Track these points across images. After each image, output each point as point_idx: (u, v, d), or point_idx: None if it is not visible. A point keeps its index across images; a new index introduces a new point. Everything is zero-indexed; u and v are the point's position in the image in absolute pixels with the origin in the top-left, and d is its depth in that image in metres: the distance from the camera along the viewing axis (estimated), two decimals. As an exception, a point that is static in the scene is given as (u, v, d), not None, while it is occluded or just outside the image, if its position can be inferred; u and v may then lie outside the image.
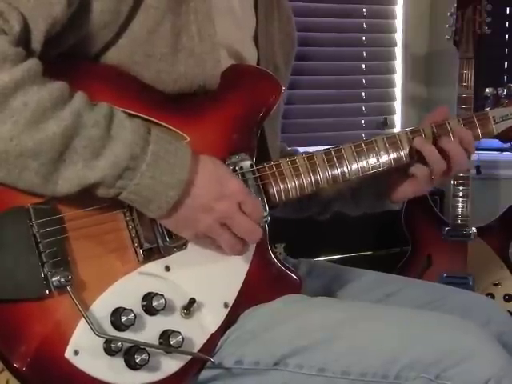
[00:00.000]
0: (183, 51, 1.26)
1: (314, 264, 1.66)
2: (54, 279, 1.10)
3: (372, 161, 1.39)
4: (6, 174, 1.08)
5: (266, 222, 1.30)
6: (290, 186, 1.33)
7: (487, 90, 1.55)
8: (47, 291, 1.10)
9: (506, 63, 3.34)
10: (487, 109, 1.53)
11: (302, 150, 1.54)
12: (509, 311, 2.68)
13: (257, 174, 1.30)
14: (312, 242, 2.78)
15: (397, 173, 1.45)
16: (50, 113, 1.07)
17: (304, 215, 1.67)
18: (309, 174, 1.34)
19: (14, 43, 1.08)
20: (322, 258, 2.89)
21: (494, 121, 1.50)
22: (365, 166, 1.39)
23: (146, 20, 1.23)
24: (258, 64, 1.47)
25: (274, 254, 1.35)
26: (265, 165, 1.32)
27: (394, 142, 1.41)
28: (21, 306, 1.09)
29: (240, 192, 1.21)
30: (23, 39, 1.10)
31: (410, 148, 1.42)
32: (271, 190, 1.32)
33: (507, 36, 3.34)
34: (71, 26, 1.17)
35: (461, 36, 2.82)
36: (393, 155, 1.41)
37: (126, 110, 1.18)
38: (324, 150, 1.37)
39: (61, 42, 1.18)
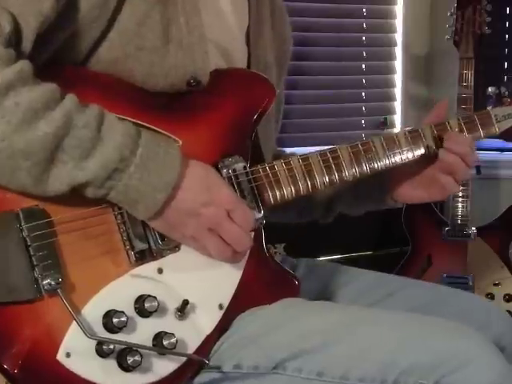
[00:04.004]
0: (173, 43, 1.26)
1: (314, 264, 1.65)
2: (44, 282, 1.10)
3: (370, 162, 1.39)
4: None
5: (260, 223, 1.30)
6: (284, 187, 1.32)
7: (490, 89, 1.54)
8: (38, 294, 1.10)
9: (505, 63, 3.33)
10: (489, 107, 1.52)
11: (302, 150, 1.54)
12: (509, 311, 2.69)
13: (250, 176, 1.30)
14: (312, 241, 2.78)
15: (403, 174, 1.46)
16: (41, 113, 1.08)
17: (306, 220, 1.67)
18: (304, 176, 1.33)
19: (5, 44, 1.09)
20: (322, 258, 2.89)
21: (497, 119, 1.49)
22: (362, 167, 1.38)
23: (133, 12, 1.23)
24: (248, 61, 1.47)
25: (271, 255, 1.34)
26: (259, 167, 1.31)
27: (391, 143, 1.41)
28: (12, 309, 1.09)
29: (229, 200, 1.20)
30: (14, 39, 1.11)
31: (428, 148, 1.43)
32: (266, 192, 1.31)
33: (507, 36, 3.34)
34: (60, 22, 1.17)
35: (461, 36, 2.82)
36: (391, 156, 1.40)
37: (117, 115, 1.18)
38: (319, 151, 1.36)
39: (52, 40, 1.18)
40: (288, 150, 1.75)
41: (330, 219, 1.64)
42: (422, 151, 1.43)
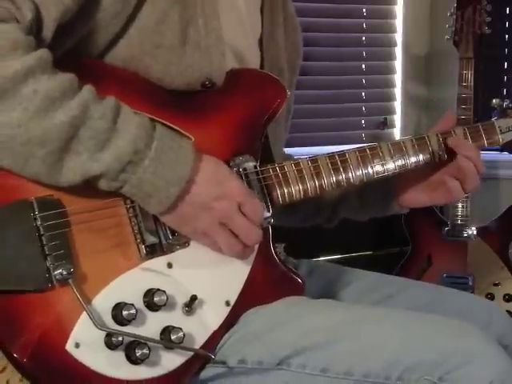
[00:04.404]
0: (190, 44, 1.27)
1: (315, 265, 1.66)
2: (56, 272, 1.10)
3: (377, 167, 1.40)
4: (12, 160, 1.08)
5: (269, 223, 1.30)
6: (293, 187, 1.33)
7: (494, 101, 1.56)
8: (49, 284, 1.10)
9: (505, 63, 3.34)
10: (493, 119, 1.54)
11: (302, 149, 1.56)
12: (509, 311, 2.69)
13: (260, 176, 1.31)
14: (312, 241, 2.77)
15: (410, 179, 1.47)
16: (58, 102, 1.08)
17: (309, 224, 1.68)
18: (312, 177, 1.35)
19: (26, 31, 1.09)
20: (322, 258, 2.89)
21: (501, 131, 1.51)
22: (369, 171, 1.40)
23: (154, 10, 1.23)
24: (261, 66, 1.48)
25: (277, 254, 1.35)
26: (269, 166, 1.32)
27: (398, 149, 1.42)
28: (23, 298, 1.09)
29: (240, 193, 1.21)
30: (35, 27, 1.11)
31: (433, 153, 1.44)
32: (275, 192, 1.32)
33: (507, 36, 3.34)
34: (82, 15, 1.17)
35: (461, 36, 2.82)
36: (398, 161, 1.42)
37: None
38: (328, 154, 1.37)
39: (72, 33, 1.19)
40: (288, 150, 1.76)
41: (334, 223, 1.66)
42: (427, 158, 1.45)
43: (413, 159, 1.44)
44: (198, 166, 1.18)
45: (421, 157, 1.44)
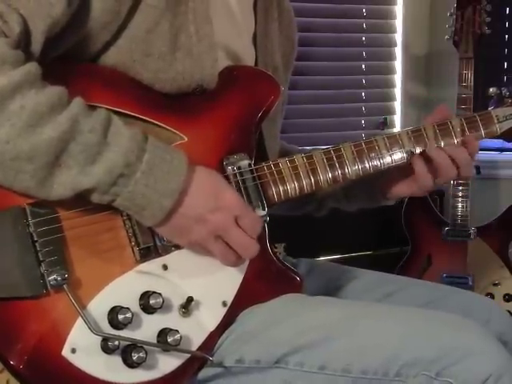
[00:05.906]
0: (181, 50, 1.26)
1: (314, 264, 1.66)
2: (50, 278, 1.10)
3: (373, 160, 1.39)
4: (2, 176, 1.08)
5: (264, 221, 1.30)
6: (288, 185, 1.33)
7: (491, 89, 1.54)
8: (44, 290, 1.10)
9: (505, 63, 3.34)
10: (490, 108, 1.52)
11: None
12: (508, 311, 2.69)
13: (255, 174, 1.30)
14: (312, 241, 2.78)
15: (395, 171, 1.45)
16: (46, 117, 1.07)
17: (300, 212, 1.67)
18: (308, 174, 1.34)
19: (14, 45, 1.08)
20: (322, 258, 2.89)
21: (498, 120, 1.49)
22: (365, 165, 1.39)
23: (144, 19, 1.23)
24: (256, 64, 1.47)
25: (274, 253, 1.35)
26: (263, 164, 1.32)
27: (394, 142, 1.41)
28: (18, 305, 1.10)
29: (237, 206, 1.20)
30: (23, 41, 1.10)
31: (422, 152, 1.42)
32: (270, 190, 1.32)
33: (507, 36, 3.34)
34: (71, 26, 1.17)
35: (460, 36, 2.82)
36: (394, 155, 1.41)
37: (124, 111, 1.19)
38: (323, 149, 1.37)
39: (61, 43, 1.18)
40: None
41: (323, 213, 1.66)
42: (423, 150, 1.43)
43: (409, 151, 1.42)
44: (191, 178, 1.17)
45: (417, 149, 1.43)
